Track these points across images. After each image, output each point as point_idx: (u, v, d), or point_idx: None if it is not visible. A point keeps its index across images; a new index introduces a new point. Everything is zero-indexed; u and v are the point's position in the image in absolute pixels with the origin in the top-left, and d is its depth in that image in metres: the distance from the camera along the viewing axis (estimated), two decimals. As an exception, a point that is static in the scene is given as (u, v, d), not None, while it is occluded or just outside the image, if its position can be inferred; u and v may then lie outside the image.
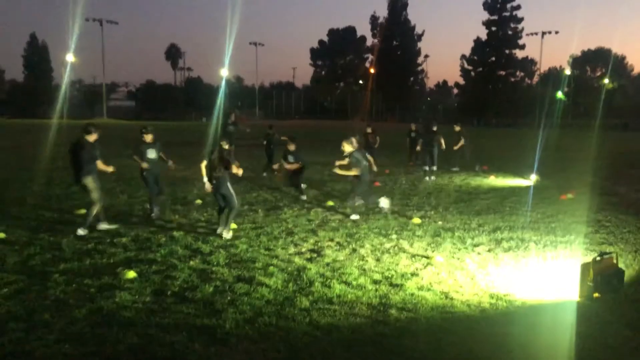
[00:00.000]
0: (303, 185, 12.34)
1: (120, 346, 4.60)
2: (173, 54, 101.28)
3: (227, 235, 8.38)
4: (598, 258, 6.05)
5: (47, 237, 8.25)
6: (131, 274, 6.39)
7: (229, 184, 8.48)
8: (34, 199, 11.45)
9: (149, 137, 9.63)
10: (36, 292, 5.83)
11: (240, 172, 8.59)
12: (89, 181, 8.40)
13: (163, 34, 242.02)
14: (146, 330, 4.91)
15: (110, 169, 8.78)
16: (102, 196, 8.69)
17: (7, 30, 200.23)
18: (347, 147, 9.98)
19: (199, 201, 11.43)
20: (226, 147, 8.63)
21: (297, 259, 7.30)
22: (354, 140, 10.09)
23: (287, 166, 11.86)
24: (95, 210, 8.51)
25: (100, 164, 8.54)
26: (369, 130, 19.16)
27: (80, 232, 8.33)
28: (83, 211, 9.83)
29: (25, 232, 8.48)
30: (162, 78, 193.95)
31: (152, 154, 9.57)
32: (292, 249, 7.84)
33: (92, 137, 8.52)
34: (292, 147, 11.82)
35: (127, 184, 13.69)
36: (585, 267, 5.93)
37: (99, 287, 6.02)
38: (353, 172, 9.99)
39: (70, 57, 66.50)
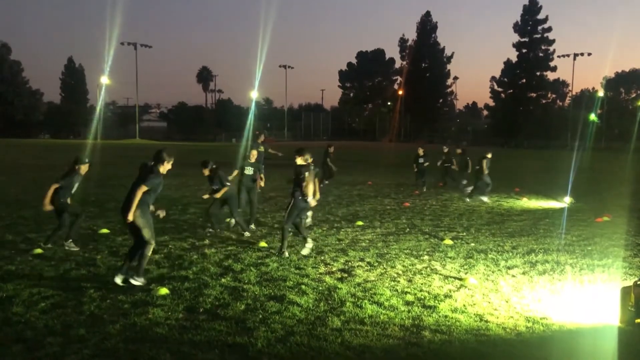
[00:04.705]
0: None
1: (154, 362, 4.62)
2: (204, 76, 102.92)
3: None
4: (639, 282, 5.85)
5: (82, 253, 8.41)
6: (164, 291, 6.45)
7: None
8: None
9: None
10: (72, 307, 5.92)
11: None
12: None
13: (195, 57, 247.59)
14: (179, 347, 4.93)
15: None
16: None
17: (46, 55, 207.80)
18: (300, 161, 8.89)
19: (230, 220, 11.48)
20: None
21: (327, 279, 7.26)
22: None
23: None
24: None
25: None
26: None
27: None
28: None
29: (61, 248, 8.65)
30: (194, 100, 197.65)
31: None
32: (322, 268, 7.81)
33: None
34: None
35: (160, 203, 13.86)
36: (625, 292, 5.75)
37: (133, 303, 6.08)
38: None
39: (105, 80, 68.54)
